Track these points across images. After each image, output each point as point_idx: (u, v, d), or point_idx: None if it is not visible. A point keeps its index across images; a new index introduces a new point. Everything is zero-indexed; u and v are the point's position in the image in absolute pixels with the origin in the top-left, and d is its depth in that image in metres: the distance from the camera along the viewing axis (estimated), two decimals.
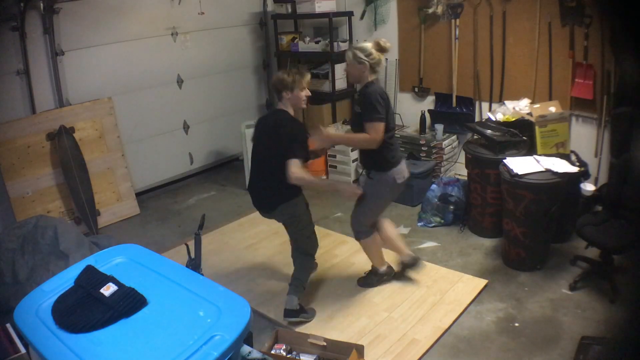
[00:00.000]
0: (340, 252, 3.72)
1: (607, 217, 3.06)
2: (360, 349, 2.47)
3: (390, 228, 3.19)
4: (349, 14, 4.99)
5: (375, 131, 2.70)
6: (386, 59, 4.88)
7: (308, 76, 2.89)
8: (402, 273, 3.29)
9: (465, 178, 4.04)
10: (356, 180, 4.87)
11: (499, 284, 3.22)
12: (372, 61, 2.77)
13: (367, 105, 2.71)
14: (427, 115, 4.63)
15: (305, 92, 2.85)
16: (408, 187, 4.33)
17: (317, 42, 5.03)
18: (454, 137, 4.55)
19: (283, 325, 2.89)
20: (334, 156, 4.89)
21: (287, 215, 2.89)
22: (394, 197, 3.13)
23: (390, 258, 3.30)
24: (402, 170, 2.91)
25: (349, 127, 4.91)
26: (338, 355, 2.47)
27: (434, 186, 4.10)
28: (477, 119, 4.39)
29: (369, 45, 2.78)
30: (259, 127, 2.96)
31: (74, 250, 3.21)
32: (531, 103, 3.84)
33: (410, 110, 4.88)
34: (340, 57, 5.00)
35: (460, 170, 4.47)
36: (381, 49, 2.78)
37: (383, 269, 3.23)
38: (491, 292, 3.14)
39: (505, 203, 3.38)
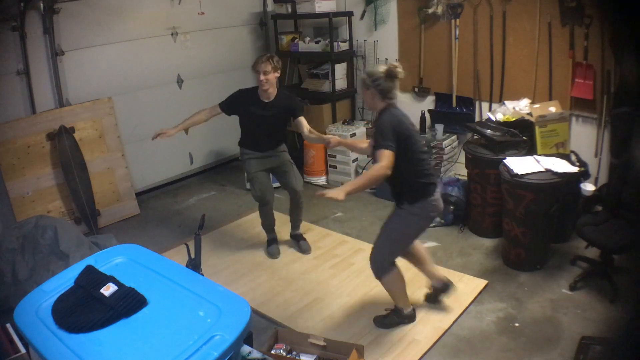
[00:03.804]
0: (340, 252, 3.72)
1: (607, 217, 3.06)
2: (360, 349, 2.47)
3: (421, 251, 2.95)
4: (349, 14, 4.99)
5: (383, 158, 2.43)
6: (386, 58, 4.91)
7: (263, 65, 3.31)
8: (434, 298, 3.03)
9: (465, 178, 4.04)
10: None
11: (499, 284, 3.22)
12: (378, 87, 2.56)
13: (376, 132, 2.55)
14: (427, 115, 4.63)
15: (260, 76, 3.31)
16: None
17: (317, 42, 5.03)
18: (454, 137, 4.55)
19: (283, 325, 2.89)
20: (334, 156, 4.90)
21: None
22: (420, 232, 2.77)
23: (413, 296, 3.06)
24: (436, 201, 2.64)
25: (347, 126, 4.92)
26: (338, 355, 2.47)
27: None
28: (477, 119, 4.39)
29: (380, 69, 2.57)
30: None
31: (74, 250, 3.21)
32: (531, 103, 3.83)
33: (410, 110, 4.76)
34: (340, 57, 5.00)
35: (460, 170, 4.47)
36: (390, 75, 2.55)
37: (408, 310, 2.87)
38: (491, 292, 3.14)
39: (505, 203, 3.38)
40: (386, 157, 2.42)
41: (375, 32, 4.95)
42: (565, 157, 3.47)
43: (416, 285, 3.19)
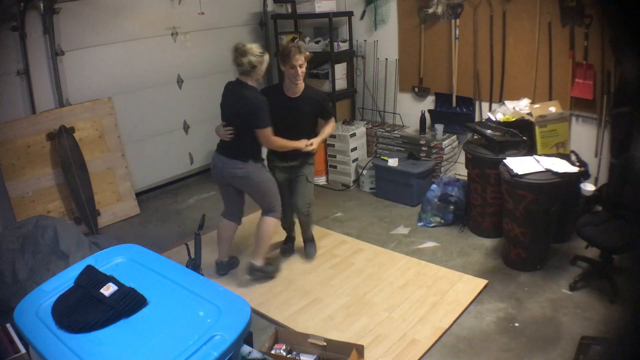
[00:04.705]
0: (340, 252, 3.72)
1: (607, 217, 3.06)
2: (360, 349, 2.47)
3: (226, 230, 3.41)
4: (349, 14, 4.99)
5: None
6: (386, 58, 4.93)
7: (297, 57, 3.13)
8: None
9: (465, 178, 4.04)
10: (356, 180, 4.88)
11: (499, 284, 3.22)
12: (235, 60, 3.14)
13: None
14: (427, 115, 4.63)
15: (293, 70, 3.15)
16: (408, 187, 4.37)
17: (317, 42, 5.03)
18: (454, 137, 4.55)
19: (283, 325, 2.89)
20: (334, 156, 4.90)
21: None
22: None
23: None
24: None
25: (347, 126, 4.92)
26: (338, 355, 2.47)
27: (434, 186, 4.10)
28: (477, 119, 4.39)
29: (252, 51, 3.09)
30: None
31: (74, 250, 3.22)
32: (531, 103, 3.83)
33: (410, 110, 4.88)
34: (340, 57, 5.00)
35: (460, 170, 4.47)
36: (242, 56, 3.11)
37: (265, 265, 3.38)
38: (491, 292, 3.14)
39: (505, 203, 3.38)
40: None
41: (375, 32, 4.95)
42: (565, 157, 3.47)
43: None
